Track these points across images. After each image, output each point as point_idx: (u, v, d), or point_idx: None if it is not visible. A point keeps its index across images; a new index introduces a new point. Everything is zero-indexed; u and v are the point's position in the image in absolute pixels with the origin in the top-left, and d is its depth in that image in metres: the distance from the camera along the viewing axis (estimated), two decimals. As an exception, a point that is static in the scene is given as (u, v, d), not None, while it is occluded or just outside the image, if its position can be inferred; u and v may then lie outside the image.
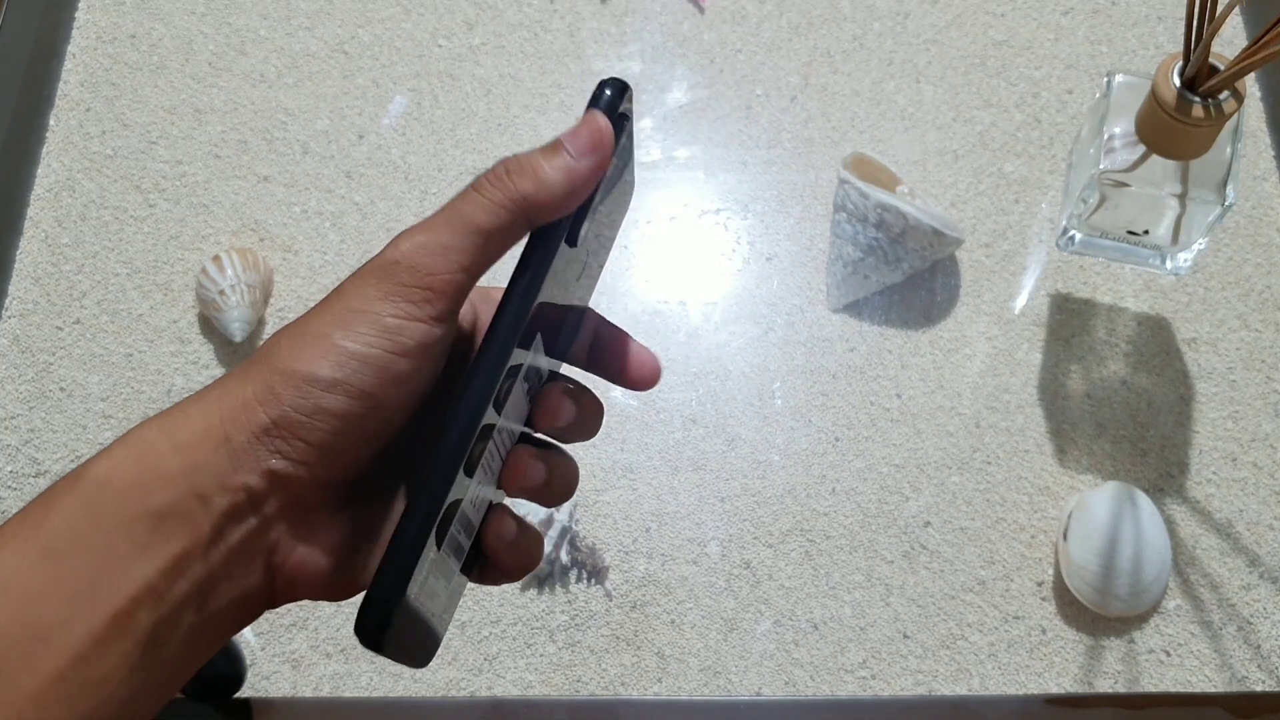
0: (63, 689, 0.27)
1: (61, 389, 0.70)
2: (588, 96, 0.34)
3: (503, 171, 0.32)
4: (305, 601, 0.32)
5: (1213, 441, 0.68)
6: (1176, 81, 0.58)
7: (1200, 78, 0.57)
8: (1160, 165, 0.63)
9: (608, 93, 0.33)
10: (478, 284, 0.32)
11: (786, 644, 0.63)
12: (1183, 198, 0.63)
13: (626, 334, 0.36)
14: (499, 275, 0.30)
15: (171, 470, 0.28)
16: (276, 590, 0.31)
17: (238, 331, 0.69)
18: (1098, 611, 0.63)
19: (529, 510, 0.64)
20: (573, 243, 0.32)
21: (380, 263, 0.30)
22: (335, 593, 0.31)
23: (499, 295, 0.31)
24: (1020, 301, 0.72)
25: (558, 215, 0.31)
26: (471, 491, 0.30)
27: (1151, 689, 0.62)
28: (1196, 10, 0.56)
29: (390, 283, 0.30)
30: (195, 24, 0.81)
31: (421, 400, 0.31)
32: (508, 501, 0.33)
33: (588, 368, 0.36)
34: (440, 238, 0.30)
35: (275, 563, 0.30)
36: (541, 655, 0.63)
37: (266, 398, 0.29)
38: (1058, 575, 0.64)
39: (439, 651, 0.34)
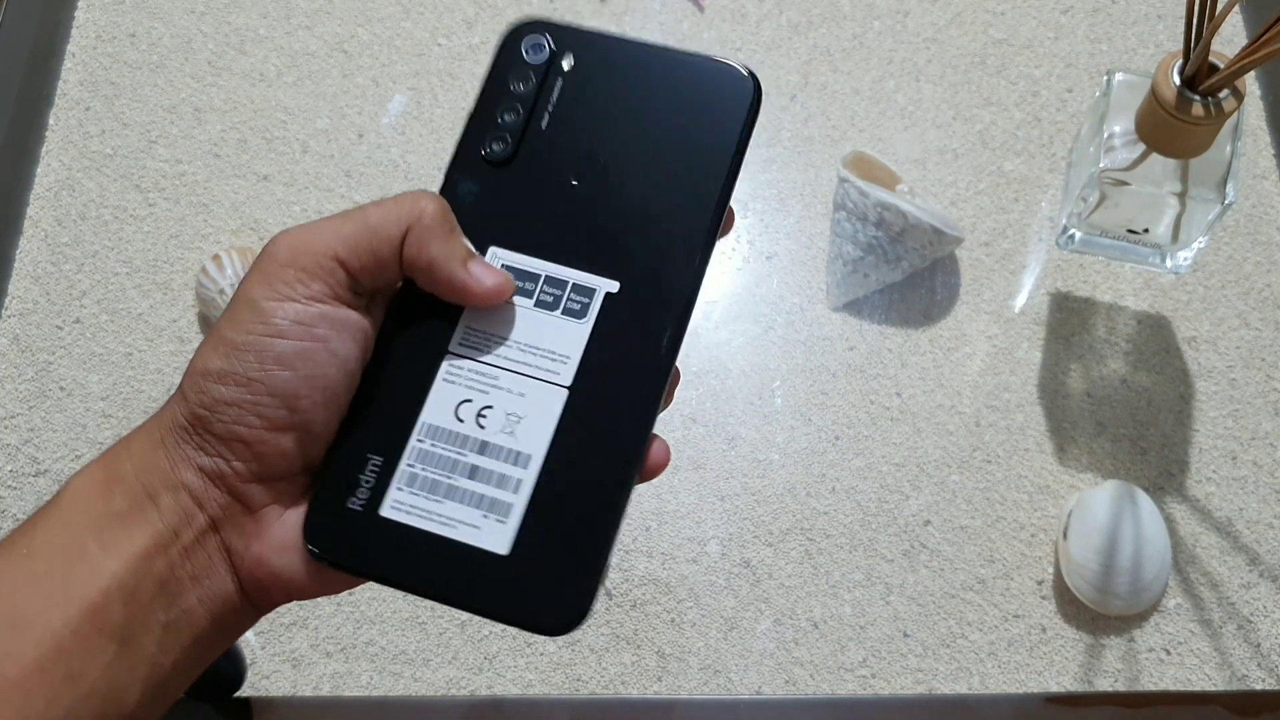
0: (44, 679, 0.28)
1: (61, 388, 0.70)
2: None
3: (431, 222, 0.32)
4: (306, 601, 0.33)
5: (1213, 440, 0.68)
6: (1176, 80, 0.58)
7: (1200, 76, 0.57)
8: (1160, 164, 0.63)
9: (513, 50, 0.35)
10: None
11: (786, 643, 0.63)
12: (1183, 196, 0.63)
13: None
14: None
15: (126, 474, 0.30)
16: (249, 593, 0.31)
17: (237, 331, 0.69)
18: (1098, 610, 0.63)
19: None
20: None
21: (260, 254, 0.31)
22: (309, 591, 0.32)
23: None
24: (1020, 300, 0.72)
25: (419, 283, 0.33)
26: None
27: (1151, 687, 0.62)
28: (1196, 9, 0.56)
29: (264, 266, 0.31)
30: (195, 23, 0.81)
31: (340, 387, 0.31)
32: None
33: None
34: (322, 226, 0.31)
35: (236, 564, 0.31)
36: (541, 654, 0.63)
37: (179, 398, 0.31)
38: (1058, 574, 0.64)
39: (440, 652, 0.35)
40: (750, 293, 0.73)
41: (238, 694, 0.61)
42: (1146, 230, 0.67)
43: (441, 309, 0.33)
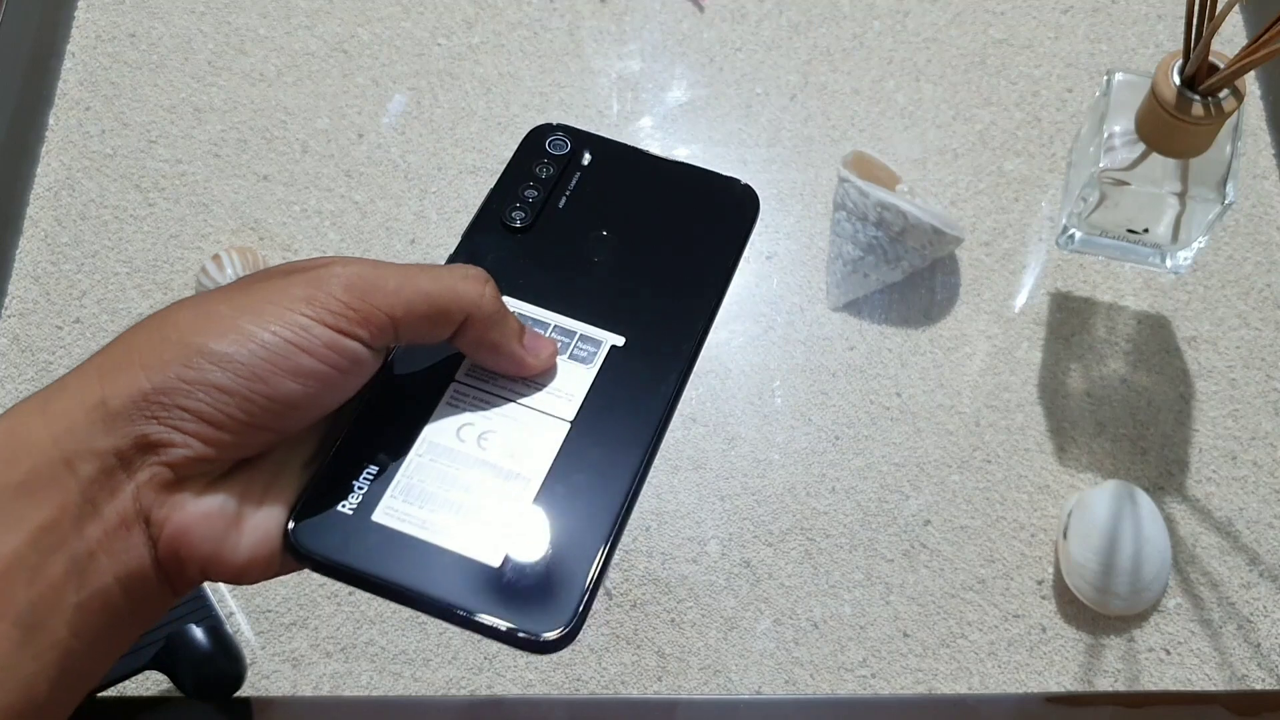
0: None
1: (61, 388, 0.70)
2: (585, 97, 0.36)
3: (491, 309, 0.32)
4: (306, 600, 0.32)
5: (1213, 440, 0.68)
6: (1176, 80, 0.58)
7: (1200, 76, 0.57)
8: (1160, 163, 0.63)
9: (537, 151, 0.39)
10: None
11: (786, 642, 0.63)
12: (1183, 196, 0.63)
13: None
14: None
15: (39, 438, 0.28)
16: (165, 569, 0.29)
17: (237, 330, 0.69)
18: (1097, 610, 0.63)
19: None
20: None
21: (314, 274, 0.30)
22: (225, 571, 0.30)
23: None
24: (1020, 300, 0.72)
25: (468, 353, 0.34)
26: None
27: (1151, 687, 0.62)
28: (1196, 8, 0.56)
29: (316, 288, 0.30)
30: (195, 23, 0.81)
31: (332, 409, 0.31)
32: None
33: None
34: (385, 278, 0.31)
35: (153, 534, 0.29)
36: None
37: (152, 364, 0.28)
38: (1058, 574, 0.64)
39: (440, 652, 0.35)
40: (750, 292, 0.73)
41: (238, 694, 0.61)
42: (1146, 230, 0.67)
43: (453, 349, 0.34)
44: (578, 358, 0.34)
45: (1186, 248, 0.68)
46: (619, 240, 0.37)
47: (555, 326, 0.35)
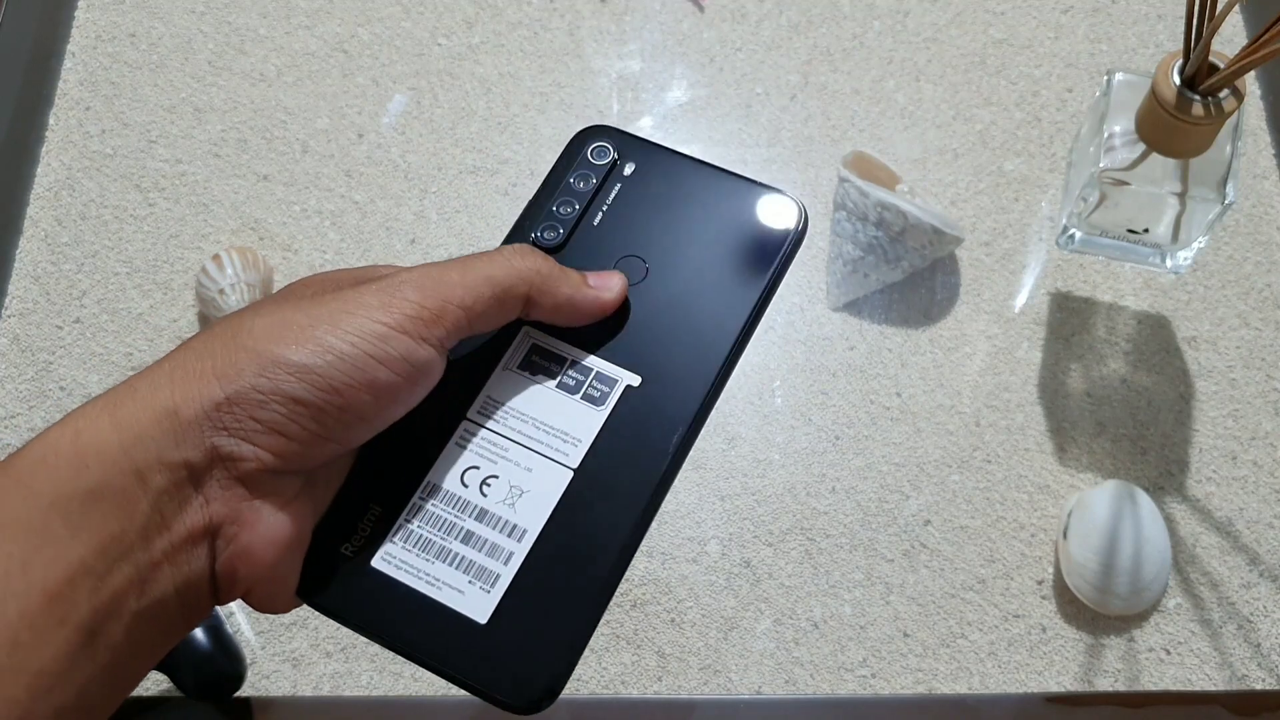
0: None
1: (61, 388, 0.70)
2: (585, 98, 0.36)
3: (550, 272, 0.33)
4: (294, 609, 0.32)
5: (1213, 440, 0.68)
6: (1176, 80, 0.58)
7: (1200, 76, 0.57)
8: (1160, 163, 0.63)
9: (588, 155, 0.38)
10: None
11: (786, 642, 0.63)
12: (1183, 196, 0.63)
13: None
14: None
15: (108, 446, 0.27)
16: (220, 581, 0.29)
17: (237, 330, 0.69)
18: (1098, 610, 0.63)
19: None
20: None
21: (384, 282, 0.31)
22: (275, 592, 0.30)
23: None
24: (1020, 300, 0.72)
25: (549, 320, 0.34)
26: None
27: (1151, 687, 0.62)
28: (1196, 8, 0.56)
29: (389, 295, 0.30)
30: (195, 23, 0.81)
31: (390, 426, 0.31)
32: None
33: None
34: (448, 273, 0.31)
35: (219, 548, 0.29)
36: (541, 654, 0.63)
37: (226, 373, 0.28)
38: (1058, 573, 0.64)
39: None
40: (750, 293, 0.72)
41: (238, 694, 0.61)
42: (1146, 230, 0.67)
43: (469, 376, 0.34)
44: (590, 398, 0.34)
45: (1186, 248, 0.68)
46: (650, 265, 0.36)
47: (571, 362, 0.34)
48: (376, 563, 0.31)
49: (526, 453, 0.33)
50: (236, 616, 0.64)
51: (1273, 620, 0.64)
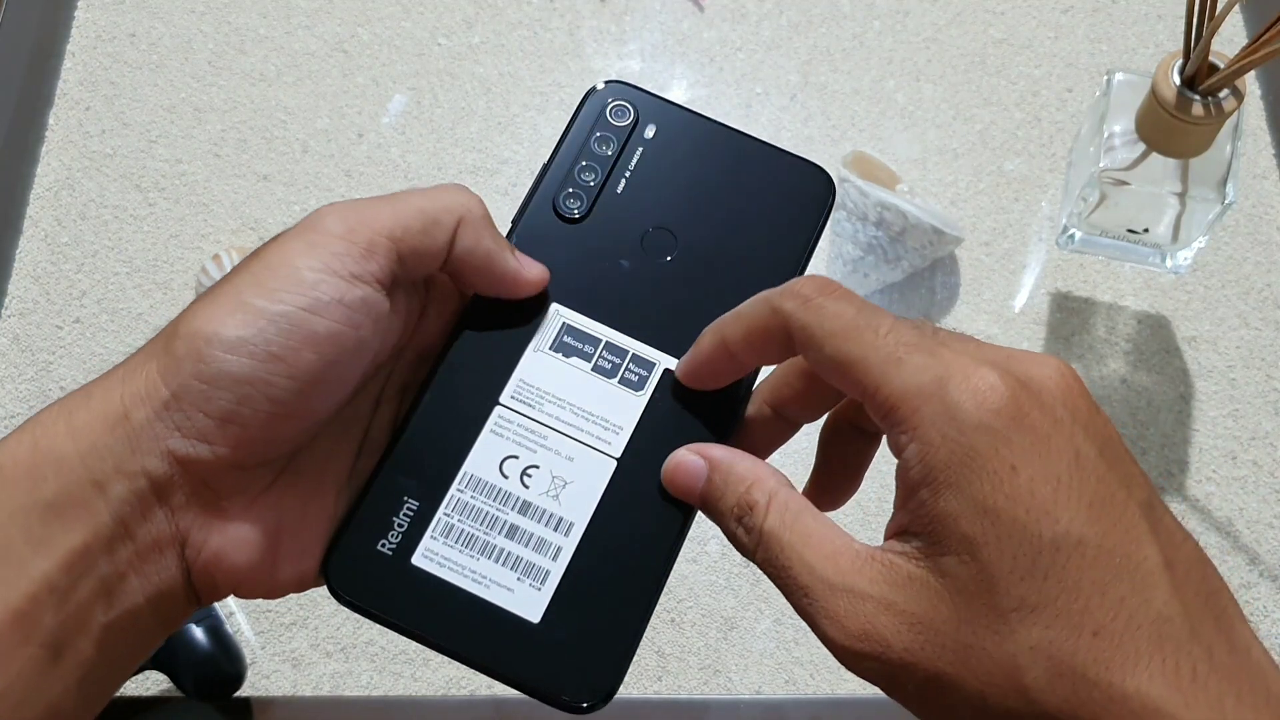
0: None
1: (61, 389, 0.70)
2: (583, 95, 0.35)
3: (482, 214, 0.31)
4: (306, 600, 0.32)
5: (1212, 440, 0.68)
6: (1176, 80, 0.58)
7: (1200, 76, 0.57)
8: (1160, 163, 0.63)
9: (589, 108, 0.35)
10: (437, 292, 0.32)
11: (786, 642, 0.63)
12: (1183, 196, 0.63)
13: None
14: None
15: (66, 456, 0.26)
16: (197, 587, 0.28)
17: (237, 330, 0.69)
18: (1098, 610, 0.63)
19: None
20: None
21: (306, 223, 0.29)
22: (257, 590, 0.29)
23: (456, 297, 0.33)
24: (1020, 300, 0.72)
25: (465, 273, 0.31)
26: None
27: (1151, 687, 0.62)
28: (1196, 9, 0.56)
29: (312, 233, 0.28)
30: (195, 23, 0.81)
31: (355, 383, 0.30)
32: None
33: None
34: (374, 204, 0.29)
35: (189, 556, 0.28)
36: (542, 654, 0.63)
37: (169, 368, 0.27)
38: (1058, 573, 0.64)
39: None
40: (750, 292, 0.73)
41: (238, 694, 0.61)
42: (1146, 230, 0.67)
43: (497, 359, 0.32)
44: (628, 382, 0.32)
45: (1186, 248, 0.68)
46: (680, 236, 0.33)
47: (606, 343, 0.32)
48: (418, 560, 0.30)
49: (567, 441, 0.31)
50: (236, 617, 0.64)
51: (1273, 620, 0.64)
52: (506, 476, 0.31)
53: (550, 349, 0.32)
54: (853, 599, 0.26)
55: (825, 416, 0.34)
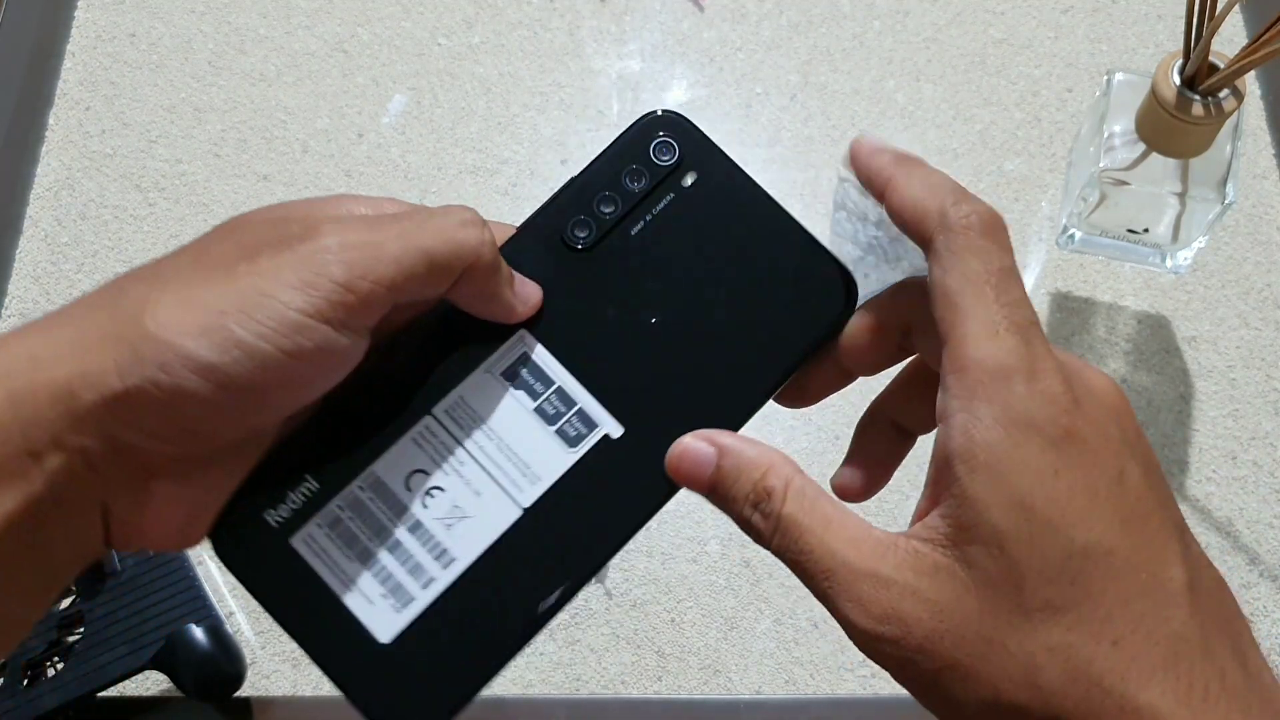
0: None
1: (61, 388, 0.70)
2: (585, 97, 0.34)
3: (491, 260, 0.30)
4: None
5: (1212, 440, 0.68)
6: (1176, 80, 0.58)
7: (1200, 76, 0.57)
8: (1160, 163, 0.63)
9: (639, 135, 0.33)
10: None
11: (786, 642, 0.63)
12: (1183, 196, 0.63)
13: None
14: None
15: (3, 422, 0.26)
16: (114, 543, 0.29)
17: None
18: (1098, 610, 0.63)
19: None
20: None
21: (307, 250, 0.27)
22: (168, 547, 0.30)
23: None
24: (1020, 300, 0.72)
25: (460, 300, 0.30)
26: None
27: (1151, 687, 0.62)
28: (1196, 9, 0.56)
29: (312, 272, 0.27)
30: (195, 23, 0.81)
31: (307, 408, 0.29)
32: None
33: None
34: (384, 246, 0.27)
35: (112, 526, 0.28)
36: (541, 654, 0.63)
37: (127, 361, 0.26)
38: (1058, 574, 0.64)
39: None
40: (750, 292, 0.73)
41: (238, 694, 0.61)
42: (1146, 230, 0.67)
43: (446, 368, 0.31)
44: (564, 435, 0.30)
45: (1186, 248, 0.68)
46: (675, 300, 0.31)
47: (559, 389, 0.31)
48: (295, 542, 0.30)
49: (481, 474, 0.30)
50: (236, 617, 0.64)
51: (1273, 620, 0.64)
52: (410, 490, 0.30)
53: (501, 374, 0.31)
54: (876, 583, 0.26)
55: (866, 406, 0.34)
